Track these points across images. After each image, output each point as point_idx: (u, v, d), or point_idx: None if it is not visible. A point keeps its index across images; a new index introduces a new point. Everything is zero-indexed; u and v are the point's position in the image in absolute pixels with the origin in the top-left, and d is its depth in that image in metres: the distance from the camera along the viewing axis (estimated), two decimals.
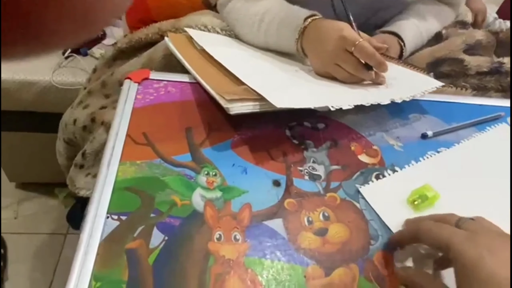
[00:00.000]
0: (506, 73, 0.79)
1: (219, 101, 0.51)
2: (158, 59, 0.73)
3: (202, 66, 0.61)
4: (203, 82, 0.56)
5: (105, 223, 0.41)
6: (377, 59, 0.57)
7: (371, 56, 0.57)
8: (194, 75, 0.59)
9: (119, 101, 0.55)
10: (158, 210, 0.44)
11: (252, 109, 0.51)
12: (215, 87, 0.54)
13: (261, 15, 0.68)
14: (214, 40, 0.71)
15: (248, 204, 0.46)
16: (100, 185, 0.44)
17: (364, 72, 0.59)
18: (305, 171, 0.51)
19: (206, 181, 0.48)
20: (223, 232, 0.43)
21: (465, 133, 0.59)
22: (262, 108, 0.52)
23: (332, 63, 0.59)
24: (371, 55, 0.57)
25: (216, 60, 0.61)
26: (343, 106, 0.53)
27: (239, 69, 0.58)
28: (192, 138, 0.53)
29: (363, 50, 0.57)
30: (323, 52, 0.60)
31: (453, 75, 0.79)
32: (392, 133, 0.58)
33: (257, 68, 0.63)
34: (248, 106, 0.51)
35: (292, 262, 0.41)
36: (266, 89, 0.52)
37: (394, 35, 0.77)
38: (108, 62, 0.86)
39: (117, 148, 0.49)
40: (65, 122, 0.83)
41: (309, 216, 0.46)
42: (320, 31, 0.61)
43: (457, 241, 0.35)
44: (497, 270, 0.32)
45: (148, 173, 0.47)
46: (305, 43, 0.64)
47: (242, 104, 0.51)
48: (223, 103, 0.51)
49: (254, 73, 0.59)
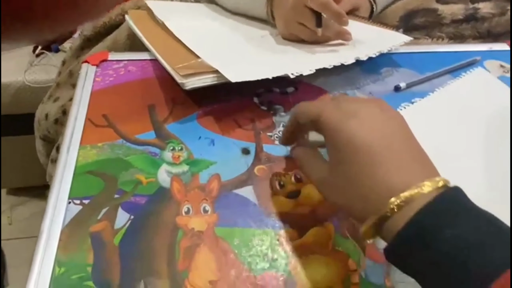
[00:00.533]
0: (482, 19, 0.76)
1: (174, 76, 0.50)
2: (123, 41, 0.71)
3: (161, 41, 0.59)
4: (159, 58, 0.54)
5: (67, 208, 0.40)
6: (333, 9, 0.54)
7: (326, 6, 0.54)
8: (152, 51, 0.57)
9: (77, 86, 0.53)
10: (122, 191, 0.42)
11: (209, 82, 0.50)
12: (171, 61, 0.52)
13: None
14: (175, 11, 0.69)
15: (217, 174, 0.44)
16: (60, 171, 0.43)
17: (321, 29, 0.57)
18: (275, 136, 0.49)
19: (172, 156, 0.46)
20: (191, 205, 0.42)
21: (440, 81, 0.57)
22: (218, 81, 0.50)
23: (294, 21, 0.57)
24: (325, 4, 0.54)
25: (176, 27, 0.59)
26: (303, 72, 0.51)
27: (197, 42, 0.56)
28: (155, 115, 0.51)
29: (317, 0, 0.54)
30: (284, 11, 0.58)
31: (428, 26, 0.76)
32: (365, 89, 0.56)
33: (218, 40, 0.61)
34: (205, 80, 0.49)
35: (264, 227, 0.40)
36: (222, 62, 0.51)
37: None
38: (76, 53, 0.84)
39: (76, 132, 0.47)
40: (38, 119, 0.82)
41: (280, 180, 0.44)
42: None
43: (325, 110, 0.34)
44: (356, 132, 0.31)
45: (110, 154, 0.46)
46: (274, 6, 0.61)
47: (197, 78, 0.49)
48: (178, 78, 0.49)
49: (213, 46, 0.57)
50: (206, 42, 0.58)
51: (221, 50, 0.56)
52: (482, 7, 0.77)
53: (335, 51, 0.58)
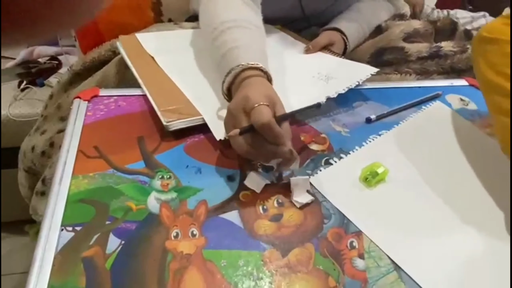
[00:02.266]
0: (445, 56, 0.84)
1: (160, 117, 0.54)
2: (112, 76, 0.74)
3: (151, 74, 0.62)
4: (148, 94, 0.58)
5: (59, 235, 0.42)
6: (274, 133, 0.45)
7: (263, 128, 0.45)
8: (141, 85, 0.60)
9: (69, 120, 0.56)
10: (113, 217, 0.44)
11: (191, 124, 0.55)
12: (159, 102, 0.56)
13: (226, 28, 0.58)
14: (166, 43, 0.72)
15: (204, 200, 0.47)
16: (53, 200, 0.45)
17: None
18: (258, 164, 0.53)
19: (160, 184, 0.49)
20: (180, 229, 0.44)
21: (406, 113, 0.63)
22: (200, 122, 0.55)
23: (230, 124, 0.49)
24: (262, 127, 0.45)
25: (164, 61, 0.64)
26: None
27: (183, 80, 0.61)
28: (145, 146, 0.54)
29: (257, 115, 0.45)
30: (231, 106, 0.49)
31: (396, 62, 0.83)
32: (339, 120, 0.61)
33: (203, 75, 0.64)
34: (187, 122, 0.55)
35: (249, 249, 0.43)
36: (209, 113, 0.56)
37: (338, 31, 0.81)
38: (64, 87, 0.86)
39: (68, 163, 0.49)
40: (23, 151, 0.82)
41: (263, 205, 0.47)
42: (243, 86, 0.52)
43: None
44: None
45: (101, 183, 0.48)
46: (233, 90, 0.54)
47: (181, 121, 0.54)
48: (163, 120, 0.54)
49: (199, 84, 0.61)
50: (194, 81, 0.62)
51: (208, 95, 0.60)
52: (445, 45, 0.85)
53: (309, 93, 0.61)
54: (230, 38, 0.57)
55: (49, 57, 1.25)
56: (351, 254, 0.43)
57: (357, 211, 0.47)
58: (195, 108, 0.56)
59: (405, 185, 0.52)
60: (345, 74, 0.65)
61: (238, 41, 0.56)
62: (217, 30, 0.58)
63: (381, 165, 0.52)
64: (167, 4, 1.04)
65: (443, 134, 0.60)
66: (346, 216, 0.47)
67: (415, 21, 0.95)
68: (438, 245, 0.45)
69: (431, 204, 0.50)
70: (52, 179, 0.48)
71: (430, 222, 0.47)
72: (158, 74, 0.63)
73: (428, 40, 0.93)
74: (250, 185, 0.49)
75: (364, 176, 0.51)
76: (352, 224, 0.46)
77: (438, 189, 0.51)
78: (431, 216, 0.48)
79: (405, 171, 0.53)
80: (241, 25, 0.58)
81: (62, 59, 1.24)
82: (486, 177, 0.53)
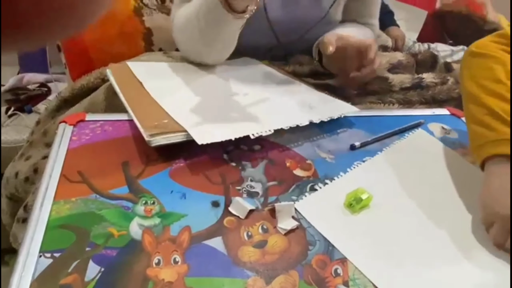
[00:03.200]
0: (427, 87, 0.87)
1: (143, 133, 0.54)
2: (100, 102, 0.74)
3: (137, 99, 0.63)
4: (132, 114, 0.58)
5: (37, 262, 0.40)
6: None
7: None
8: (126, 107, 0.61)
9: (53, 144, 0.55)
10: (94, 244, 0.43)
11: (174, 140, 0.55)
12: (142, 120, 0.56)
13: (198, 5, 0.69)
14: (156, 72, 0.73)
15: (188, 227, 0.47)
16: (33, 225, 0.44)
17: None
18: (243, 190, 0.53)
19: (144, 210, 0.48)
20: (162, 256, 0.43)
21: (389, 141, 0.64)
22: (182, 139, 0.55)
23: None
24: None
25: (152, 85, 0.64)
26: (263, 133, 0.57)
27: (171, 102, 0.61)
28: (129, 171, 0.53)
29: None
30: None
31: (380, 92, 0.86)
32: (324, 147, 0.62)
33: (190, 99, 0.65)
34: (170, 138, 0.54)
35: (233, 276, 0.42)
36: (192, 123, 0.56)
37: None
38: (52, 113, 0.86)
39: (50, 188, 0.49)
40: (7, 177, 0.81)
41: (248, 231, 0.47)
42: None
43: None
44: None
45: (83, 208, 0.47)
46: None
47: (163, 137, 0.54)
48: (145, 136, 0.54)
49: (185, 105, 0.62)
50: (180, 102, 0.63)
51: (190, 111, 0.61)
52: (426, 77, 0.88)
53: (293, 114, 0.64)
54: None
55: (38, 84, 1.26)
56: (335, 282, 0.43)
57: (341, 237, 0.47)
58: (178, 124, 0.56)
59: (389, 211, 0.52)
60: (328, 108, 0.67)
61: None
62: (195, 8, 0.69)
63: (365, 191, 0.52)
64: (158, 34, 1.06)
65: (425, 161, 0.61)
66: (330, 242, 0.46)
67: (398, 53, 0.99)
68: (423, 272, 0.45)
69: (415, 230, 0.50)
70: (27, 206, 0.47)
71: (414, 249, 0.47)
72: (145, 98, 0.64)
73: (410, 71, 0.96)
74: (235, 211, 0.49)
75: (348, 202, 0.52)
76: (336, 251, 0.46)
77: (421, 215, 0.52)
78: (415, 242, 0.48)
79: (388, 197, 0.54)
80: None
81: (51, 86, 1.25)
82: (468, 203, 0.54)
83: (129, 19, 1.06)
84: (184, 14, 0.74)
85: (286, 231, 0.47)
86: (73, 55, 1.10)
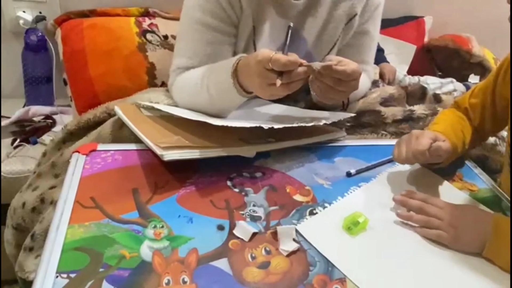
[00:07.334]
0: (418, 119, 0.91)
1: (155, 150, 0.57)
2: (107, 136, 0.78)
3: (146, 125, 0.67)
4: (143, 137, 0.62)
5: (54, 282, 0.43)
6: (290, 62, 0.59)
7: (285, 65, 0.59)
8: (137, 133, 0.64)
9: (67, 173, 0.59)
10: (107, 265, 0.46)
11: (186, 156, 0.58)
12: (154, 139, 0.60)
13: (202, 73, 0.74)
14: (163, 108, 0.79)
15: (195, 249, 0.49)
16: (49, 247, 0.46)
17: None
18: (247, 214, 0.56)
19: (153, 233, 0.51)
20: (171, 277, 0.46)
21: (383, 168, 0.68)
22: (194, 155, 0.58)
23: (266, 85, 0.62)
24: (285, 64, 0.59)
25: (158, 120, 0.68)
26: (274, 125, 0.63)
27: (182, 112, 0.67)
28: (139, 197, 0.56)
29: (276, 62, 0.59)
30: (254, 80, 0.64)
31: (373, 124, 0.90)
32: (321, 174, 0.65)
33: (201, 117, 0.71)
34: (182, 154, 0.58)
35: None
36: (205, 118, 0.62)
37: None
38: (58, 145, 0.89)
39: (65, 213, 0.51)
40: (13, 208, 0.83)
41: (252, 253, 0.50)
42: (247, 64, 0.65)
43: None
44: None
45: (96, 232, 0.50)
46: (241, 80, 0.67)
47: (175, 152, 0.57)
48: (158, 151, 0.57)
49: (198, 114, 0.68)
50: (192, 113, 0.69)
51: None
52: (417, 109, 0.93)
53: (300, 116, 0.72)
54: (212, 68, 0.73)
55: (43, 116, 1.30)
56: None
57: (341, 258, 0.50)
58: (192, 138, 0.60)
59: (385, 233, 0.55)
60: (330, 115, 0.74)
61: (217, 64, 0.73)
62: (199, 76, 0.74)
63: (361, 214, 0.56)
64: (160, 69, 1.12)
65: (417, 187, 0.65)
66: (330, 262, 0.49)
67: (389, 87, 1.04)
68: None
69: (411, 251, 0.53)
70: (48, 229, 0.49)
71: (410, 268, 0.50)
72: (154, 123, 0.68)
73: (401, 103, 1.01)
74: (239, 234, 0.52)
75: (346, 225, 0.55)
76: (336, 271, 0.48)
77: (416, 236, 0.55)
78: (411, 262, 0.51)
79: (384, 220, 0.57)
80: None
81: (56, 118, 1.28)
82: None
83: (133, 55, 1.12)
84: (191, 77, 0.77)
85: (288, 253, 0.50)
86: (79, 88, 1.14)
